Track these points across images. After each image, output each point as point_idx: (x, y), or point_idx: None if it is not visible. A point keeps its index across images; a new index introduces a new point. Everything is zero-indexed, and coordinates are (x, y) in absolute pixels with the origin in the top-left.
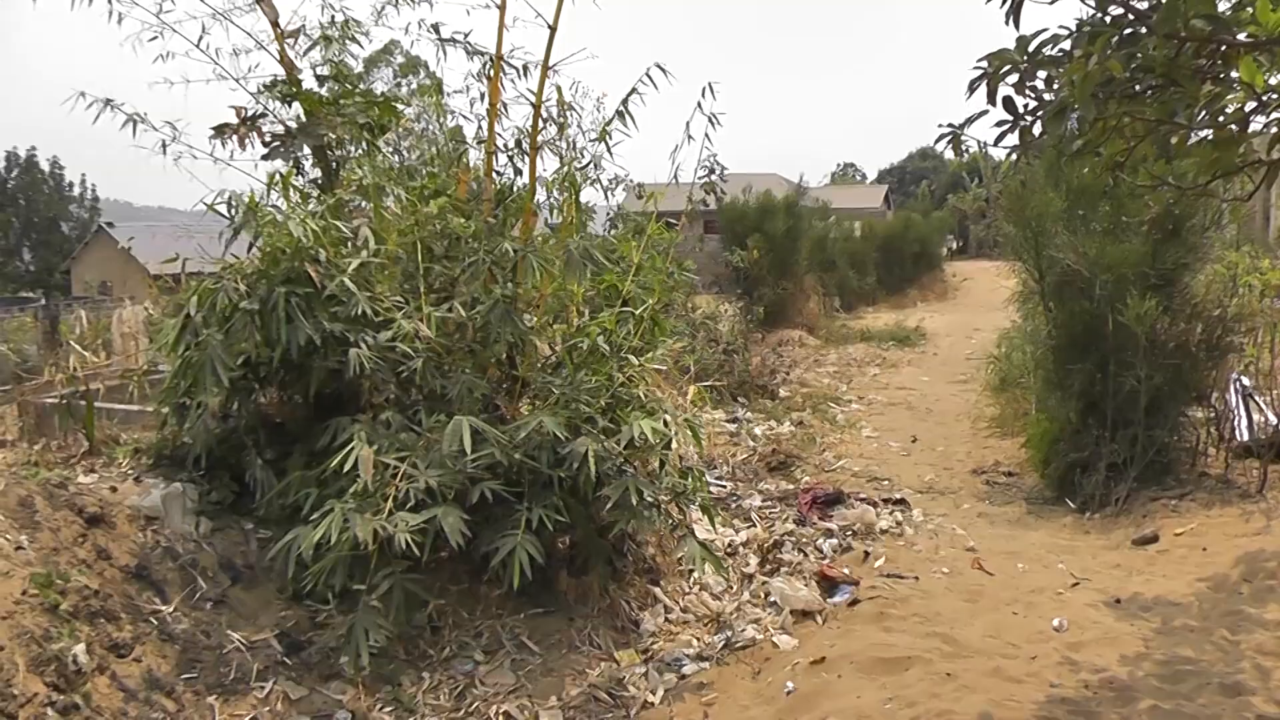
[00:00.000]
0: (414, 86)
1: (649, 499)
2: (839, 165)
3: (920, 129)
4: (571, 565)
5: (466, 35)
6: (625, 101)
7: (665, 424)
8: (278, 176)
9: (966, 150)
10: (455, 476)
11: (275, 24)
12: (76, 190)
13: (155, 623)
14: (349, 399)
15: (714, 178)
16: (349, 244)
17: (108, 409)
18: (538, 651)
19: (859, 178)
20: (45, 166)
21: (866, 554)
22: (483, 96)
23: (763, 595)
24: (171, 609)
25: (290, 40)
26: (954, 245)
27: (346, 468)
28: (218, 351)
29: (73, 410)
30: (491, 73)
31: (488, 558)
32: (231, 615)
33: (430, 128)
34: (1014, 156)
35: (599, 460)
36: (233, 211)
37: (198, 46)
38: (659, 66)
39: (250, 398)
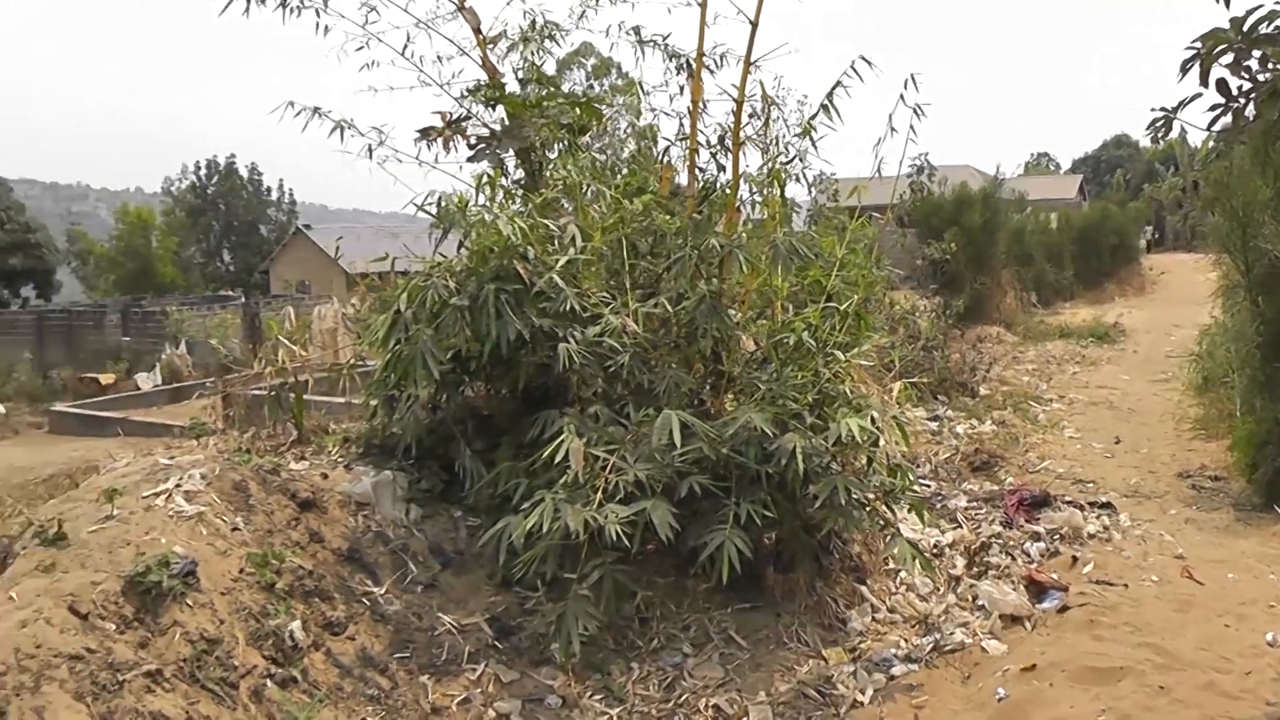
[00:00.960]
0: (605, 87)
1: (857, 497)
2: (1032, 155)
3: (1115, 115)
4: (778, 561)
5: (666, 38)
6: (830, 95)
7: (872, 421)
8: (485, 177)
9: (1163, 137)
10: (663, 470)
11: (477, 30)
12: (274, 195)
13: (368, 603)
14: (556, 393)
15: (922, 176)
16: (556, 241)
17: (313, 401)
18: (745, 646)
19: (1052, 167)
20: (244, 173)
21: (1074, 559)
22: (682, 89)
23: (970, 598)
24: (383, 591)
25: (492, 45)
26: (1151, 237)
27: (557, 459)
28: (428, 346)
29: (282, 401)
30: (693, 70)
31: (695, 551)
32: (442, 599)
33: (624, 127)
34: (1214, 143)
35: (806, 457)
36: (442, 212)
37: (402, 54)
38: (863, 59)
39: (459, 390)
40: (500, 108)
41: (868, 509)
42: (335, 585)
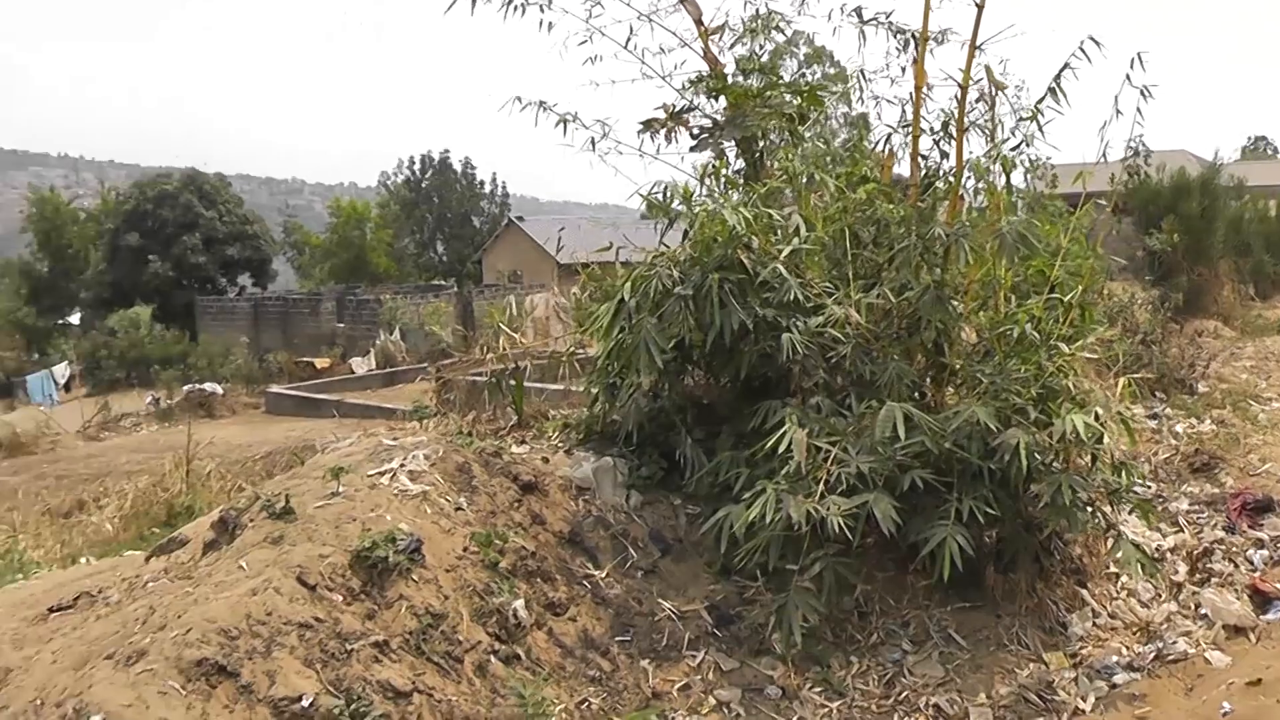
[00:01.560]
0: (817, 76)
1: (1081, 497)
2: (1249, 139)
3: None
4: (999, 560)
5: (889, 15)
6: (1058, 77)
7: (1096, 418)
8: (710, 167)
9: None
10: (885, 463)
11: (699, 21)
12: (487, 188)
13: (589, 586)
14: (777, 383)
15: (1138, 159)
16: (779, 231)
17: (530, 387)
18: (965, 646)
19: (1270, 151)
20: (458, 167)
21: None
22: (904, 70)
23: (1192, 606)
24: (604, 574)
25: (714, 36)
26: None
27: (780, 449)
28: (651, 334)
29: (502, 386)
30: (917, 53)
31: (915, 547)
32: (662, 585)
33: (837, 115)
34: None
35: (1030, 453)
36: (659, 203)
37: (625, 48)
38: (1092, 39)
39: (680, 379)
40: (721, 98)
41: (1091, 509)
42: (556, 567)
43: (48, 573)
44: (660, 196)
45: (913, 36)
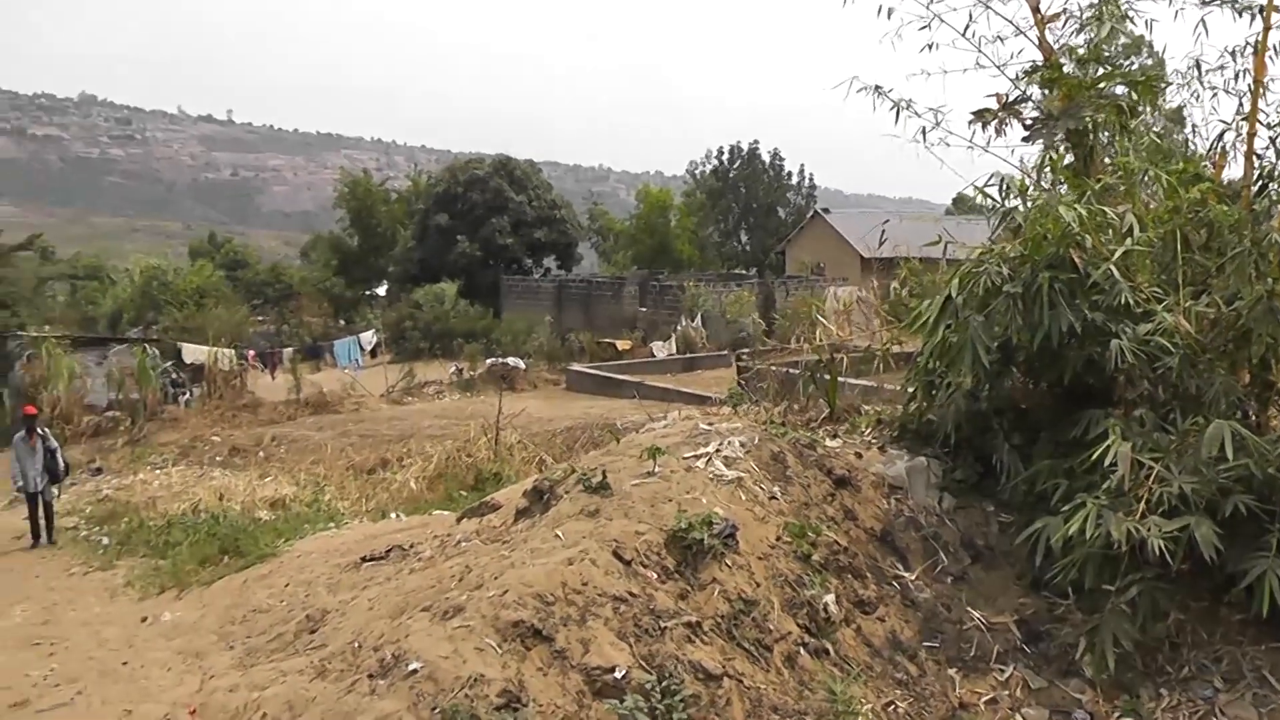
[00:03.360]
0: (1134, 67)
1: None
2: None
3: None
4: None
5: None
6: None
7: None
8: (1046, 160)
9: None
10: (1208, 485)
11: (1036, 9)
12: (794, 179)
13: (898, 587)
14: (1098, 391)
15: None
16: (1110, 230)
17: (842, 381)
18: None
19: None
20: (766, 158)
21: None
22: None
23: None
24: (914, 577)
25: (1051, 24)
26: None
27: (1106, 462)
28: (979, 333)
29: (816, 378)
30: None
31: (1232, 578)
32: (970, 593)
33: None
34: None
35: None
36: (1004, 195)
37: (963, 34)
38: None
39: (1000, 381)
40: (1054, 88)
41: None
42: (867, 564)
43: (357, 524)
44: (993, 190)
45: (1261, 8)
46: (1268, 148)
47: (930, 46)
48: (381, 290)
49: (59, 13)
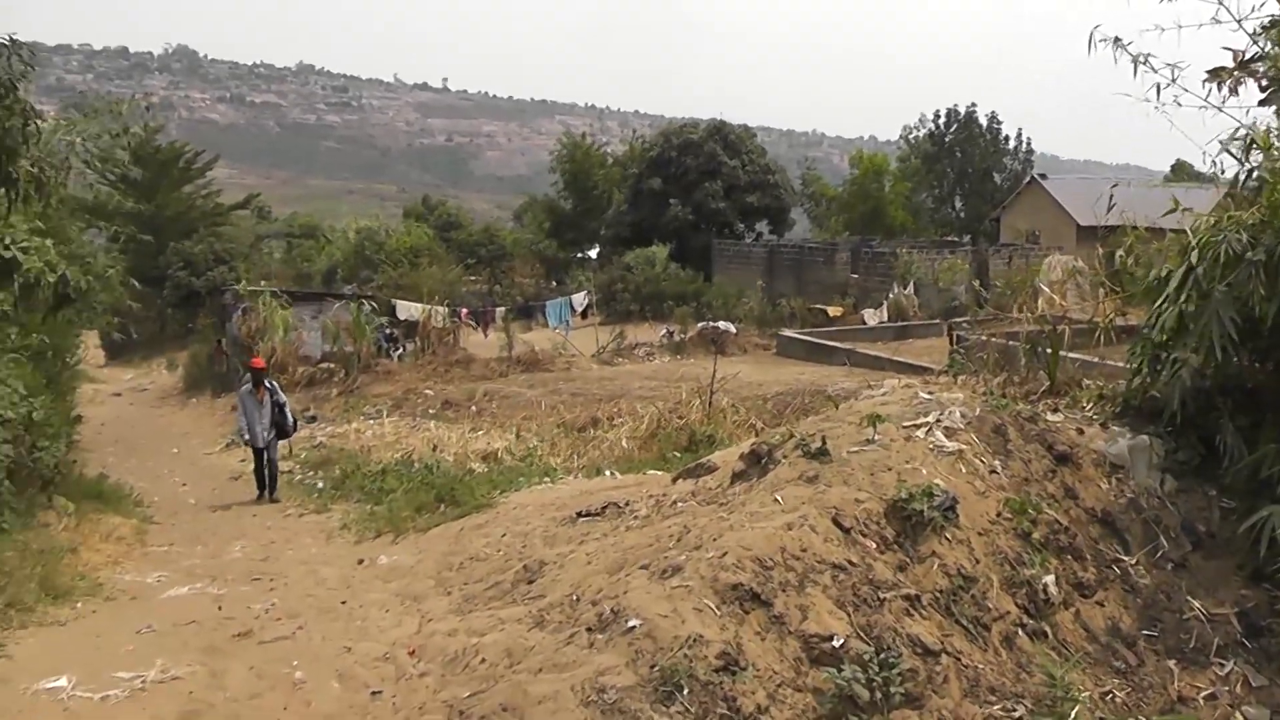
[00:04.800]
0: None
1: None
2: None
3: None
4: None
5: None
6: None
7: None
8: None
9: None
10: None
11: None
12: (1011, 144)
13: (1118, 571)
14: None
15: None
16: None
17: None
18: None
19: None
20: (983, 121)
21: None
22: None
23: None
24: (1134, 562)
25: None
26: None
27: None
28: (1224, 304)
29: (1037, 350)
30: None
31: None
32: (1190, 581)
33: None
34: None
35: None
36: (1245, 154)
37: None
38: None
39: (1228, 357)
40: None
41: None
42: (1086, 546)
43: (571, 479)
44: (1235, 150)
45: None
46: None
47: None
48: (593, 253)
49: None
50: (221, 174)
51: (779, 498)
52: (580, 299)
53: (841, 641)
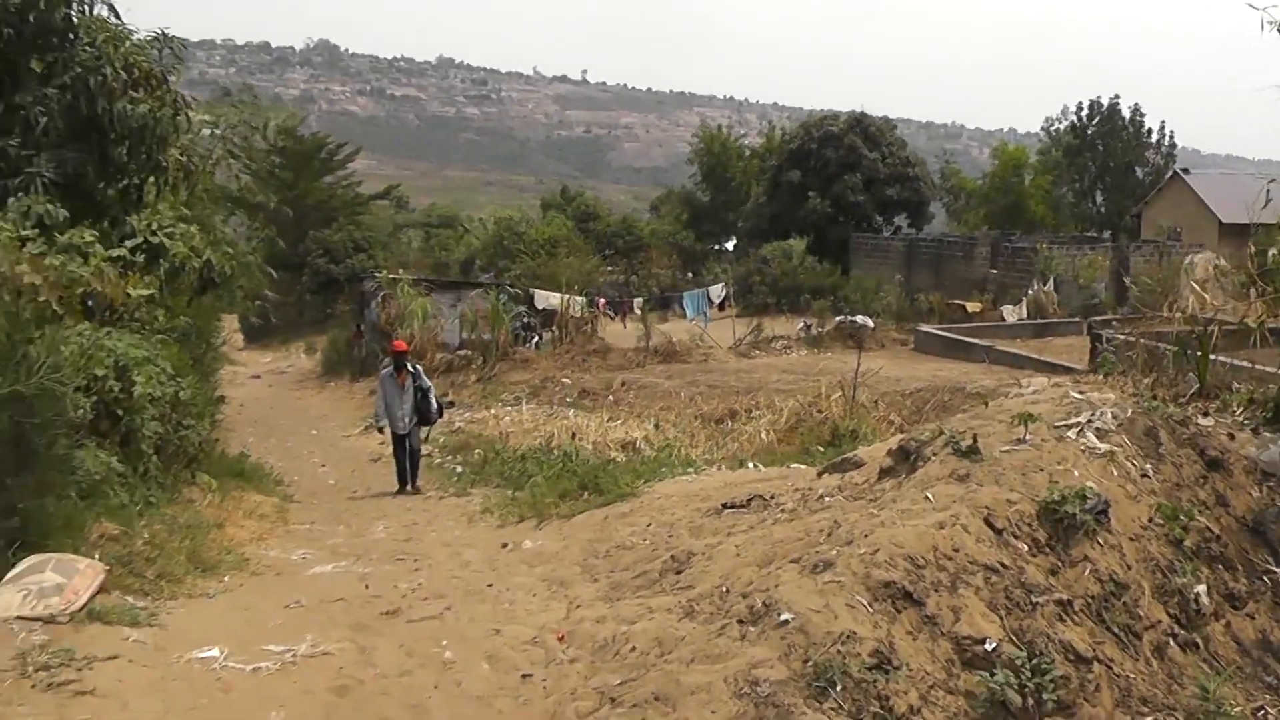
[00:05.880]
0: None
1: None
2: None
3: None
4: None
5: None
6: None
7: None
8: None
9: None
10: None
11: None
12: (1154, 137)
13: (1269, 583)
14: None
15: None
16: None
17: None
18: None
19: None
20: (1126, 114)
21: None
22: None
23: None
24: None
25: None
26: None
27: None
28: None
29: (1187, 351)
30: None
31: None
32: None
33: None
34: None
35: None
36: None
37: None
38: None
39: None
40: None
41: None
42: (1238, 555)
43: (714, 470)
44: None
45: None
46: None
47: None
48: (730, 245)
49: None
50: (361, 165)
51: (930, 495)
52: (717, 290)
53: (994, 645)
